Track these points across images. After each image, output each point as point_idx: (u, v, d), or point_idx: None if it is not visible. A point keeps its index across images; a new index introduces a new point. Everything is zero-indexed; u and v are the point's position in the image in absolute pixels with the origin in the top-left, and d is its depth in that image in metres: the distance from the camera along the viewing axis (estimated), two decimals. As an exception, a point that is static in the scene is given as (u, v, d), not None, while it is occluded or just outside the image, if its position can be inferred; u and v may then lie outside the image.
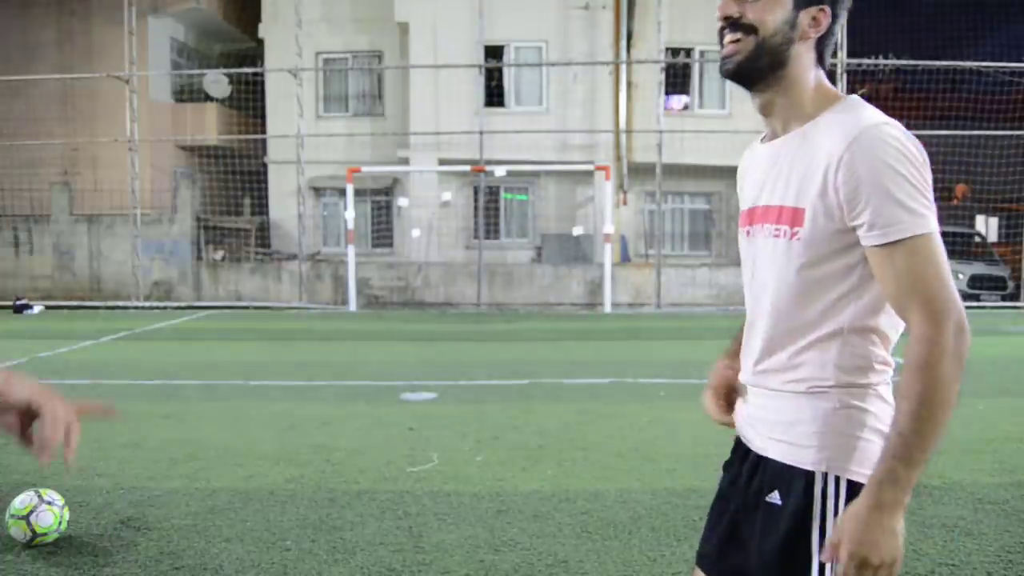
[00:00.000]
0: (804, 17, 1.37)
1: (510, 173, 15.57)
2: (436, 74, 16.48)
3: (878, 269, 1.29)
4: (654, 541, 3.48)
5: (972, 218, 19.68)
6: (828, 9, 1.38)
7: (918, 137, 1.30)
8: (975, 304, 15.60)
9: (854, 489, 1.31)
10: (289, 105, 16.09)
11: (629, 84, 16.90)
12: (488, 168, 15.19)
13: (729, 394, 1.60)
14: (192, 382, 7.47)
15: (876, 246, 1.27)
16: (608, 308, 14.68)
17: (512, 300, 15.70)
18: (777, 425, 1.41)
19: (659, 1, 15.45)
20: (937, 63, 15.29)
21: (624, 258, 17.09)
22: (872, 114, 1.32)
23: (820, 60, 1.41)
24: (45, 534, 3.30)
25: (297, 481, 4.35)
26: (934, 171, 1.26)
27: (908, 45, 16.20)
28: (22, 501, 3.30)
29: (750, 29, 1.36)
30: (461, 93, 16.28)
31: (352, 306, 14.86)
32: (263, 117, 17.80)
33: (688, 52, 17.19)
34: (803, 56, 1.38)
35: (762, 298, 1.44)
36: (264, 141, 17.76)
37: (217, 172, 17.38)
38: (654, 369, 6.83)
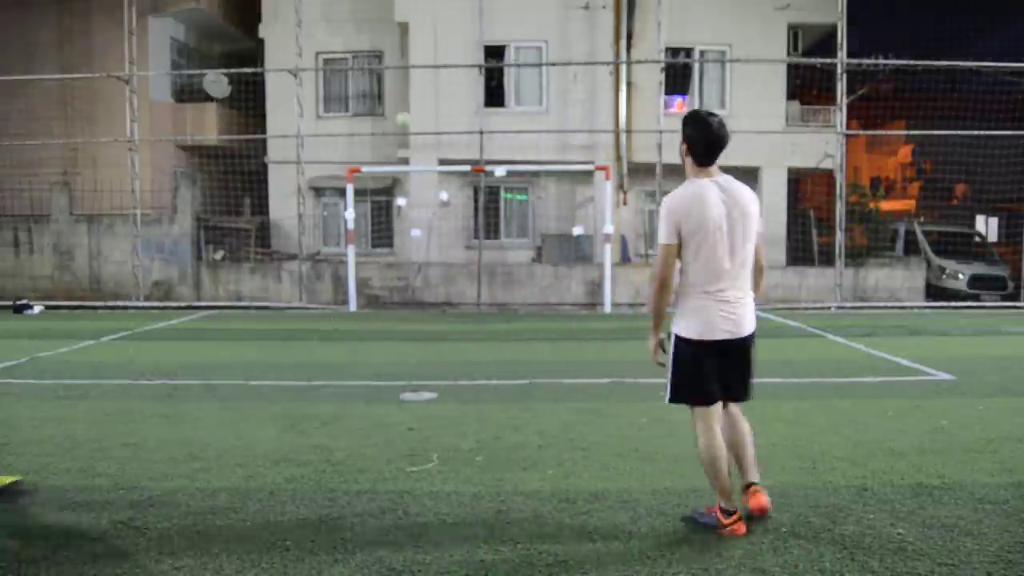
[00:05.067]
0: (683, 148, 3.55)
1: (510, 173, 15.56)
2: (436, 74, 16.48)
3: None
4: (654, 541, 3.48)
5: (972, 218, 19.69)
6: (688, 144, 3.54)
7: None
8: (975, 304, 15.58)
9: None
10: (289, 105, 16.08)
11: (629, 84, 16.88)
12: (488, 168, 15.18)
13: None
14: (192, 382, 7.47)
15: None
16: (608, 308, 14.67)
17: (512, 300, 15.69)
18: None
19: (659, 1, 15.44)
20: (937, 63, 15.26)
21: (624, 258, 17.06)
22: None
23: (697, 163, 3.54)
24: None
25: (297, 481, 4.35)
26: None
27: (908, 45, 16.19)
28: None
29: None
30: (461, 93, 16.28)
31: (352, 306, 14.85)
32: (263, 117, 17.80)
33: (688, 52, 17.19)
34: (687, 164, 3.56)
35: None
36: (264, 141, 17.76)
37: (217, 172, 17.36)
38: (654, 369, 6.78)
